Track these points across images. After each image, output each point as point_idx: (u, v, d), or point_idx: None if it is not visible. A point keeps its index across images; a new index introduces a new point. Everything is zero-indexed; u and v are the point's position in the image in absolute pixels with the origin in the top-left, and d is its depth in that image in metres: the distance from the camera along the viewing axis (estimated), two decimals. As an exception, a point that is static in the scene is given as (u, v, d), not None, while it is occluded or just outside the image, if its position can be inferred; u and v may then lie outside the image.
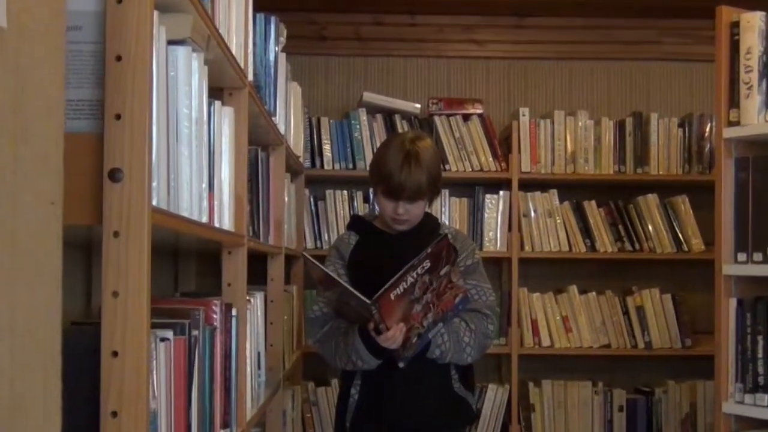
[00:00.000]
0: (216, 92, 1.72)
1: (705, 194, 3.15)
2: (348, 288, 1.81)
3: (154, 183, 1.07)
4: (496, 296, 3.58)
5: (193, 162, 1.28)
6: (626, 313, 3.62)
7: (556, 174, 3.58)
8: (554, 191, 3.62)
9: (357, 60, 3.85)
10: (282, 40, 2.56)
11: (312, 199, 3.58)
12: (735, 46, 2.36)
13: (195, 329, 1.32)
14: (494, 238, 3.60)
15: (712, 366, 2.40)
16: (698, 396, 3.62)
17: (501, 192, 3.62)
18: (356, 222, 2.18)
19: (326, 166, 3.55)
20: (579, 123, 3.61)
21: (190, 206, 1.27)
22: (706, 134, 3.63)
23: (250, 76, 1.90)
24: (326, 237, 3.55)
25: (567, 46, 3.88)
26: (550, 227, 3.60)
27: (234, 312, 1.66)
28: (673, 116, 3.68)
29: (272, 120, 2.31)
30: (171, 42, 1.19)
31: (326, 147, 3.55)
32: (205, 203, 1.38)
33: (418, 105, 3.64)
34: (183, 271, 2.70)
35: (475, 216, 3.60)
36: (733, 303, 2.35)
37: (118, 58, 1.03)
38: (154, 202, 1.07)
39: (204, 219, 1.37)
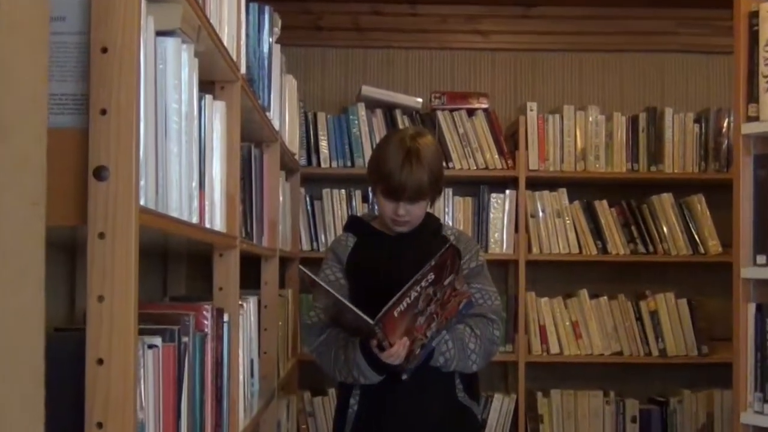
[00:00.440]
0: (207, 86, 1.72)
1: (722, 193, 3.15)
2: (350, 307, 1.81)
3: (142, 181, 1.07)
4: (502, 301, 3.56)
5: (183, 159, 1.28)
6: (639, 319, 3.62)
7: (566, 172, 3.58)
8: (563, 190, 3.62)
9: (355, 52, 3.86)
10: (276, 31, 2.56)
11: (308, 199, 3.59)
12: (754, 37, 2.36)
13: (185, 336, 1.32)
14: (500, 240, 3.60)
15: (730, 374, 2.41)
16: (715, 406, 3.62)
17: (507, 191, 3.62)
18: (354, 223, 2.18)
19: (323, 164, 3.55)
20: (590, 118, 3.61)
21: (180, 206, 1.27)
22: (724, 130, 3.63)
23: (243, 69, 1.90)
24: (323, 238, 3.55)
25: (577, 37, 3.88)
26: (559, 228, 3.60)
27: (226, 317, 1.66)
28: (689, 111, 3.69)
29: (266, 115, 2.31)
30: (159, 33, 1.19)
31: (323, 143, 3.56)
32: (196, 203, 1.38)
33: (420, 99, 3.64)
34: (172, 275, 2.71)
35: (480, 216, 3.60)
36: (752, 308, 2.35)
37: (104, 50, 1.03)
38: (142, 202, 1.07)
39: (194, 219, 1.38)
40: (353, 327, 1.91)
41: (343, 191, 3.59)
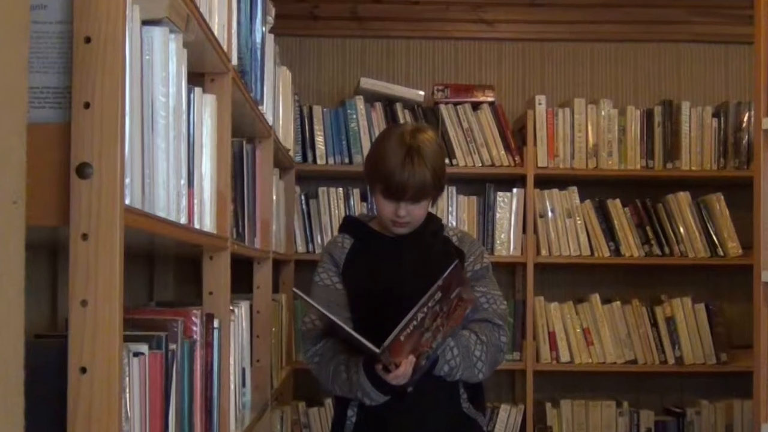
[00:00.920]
0: (196, 78, 1.72)
1: (742, 192, 3.16)
2: (354, 335, 1.81)
3: (127, 179, 1.08)
4: (509, 305, 3.59)
5: (171, 156, 1.28)
6: (654, 325, 3.63)
7: (576, 169, 3.59)
8: (574, 189, 3.63)
9: (353, 42, 3.86)
10: (270, 20, 2.56)
11: (303, 198, 3.59)
12: (776, 27, 2.36)
13: (172, 343, 1.32)
14: (507, 241, 3.60)
15: (750, 384, 2.41)
16: (735, 417, 3.62)
17: (515, 189, 3.62)
18: (350, 224, 2.18)
19: (319, 161, 3.55)
20: (602, 112, 3.61)
21: (167, 205, 1.27)
22: (744, 125, 3.64)
23: (234, 60, 1.91)
24: (319, 240, 3.55)
25: (588, 26, 3.88)
26: (570, 229, 3.60)
27: (216, 323, 1.67)
28: (707, 105, 3.69)
29: (259, 109, 2.31)
30: (146, 22, 1.19)
31: (319, 139, 3.56)
32: (184, 202, 1.38)
33: (422, 92, 3.64)
34: (159, 278, 2.71)
35: (486, 216, 3.61)
36: (774, 313, 2.35)
37: (87, 40, 1.03)
38: (127, 201, 1.07)
39: (183, 219, 1.38)
40: (353, 343, 1.91)
41: (341, 189, 3.59)
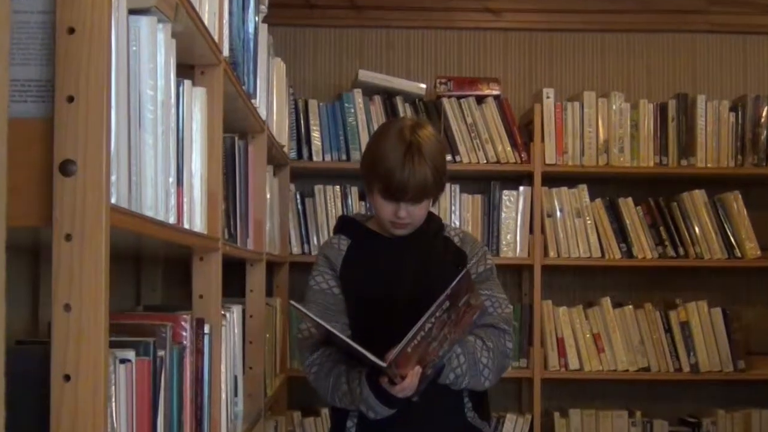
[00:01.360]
0: (186, 70, 1.72)
1: (761, 190, 3.16)
2: (358, 349, 1.80)
3: (113, 177, 1.08)
4: (515, 310, 3.59)
5: (159, 152, 1.28)
6: (669, 331, 3.63)
7: (586, 166, 3.59)
8: (584, 187, 3.63)
9: (351, 32, 3.86)
10: (263, 9, 2.56)
11: (298, 196, 3.59)
12: (796, 16, 2.37)
13: (161, 349, 1.33)
14: (513, 242, 3.60)
15: (770, 392, 2.41)
16: (753, 427, 3.62)
17: (521, 187, 3.62)
18: (346, 224, 2.18)
19: (315, 157, 3.55)
20: (613, 106, 3.62)
21: (155, 204, 1.27)
22: (763, 119, 3.64)
23: (226, 51, 1.91)
24: (315, 241, 3.55)
25: (599, 16, 3.89)
26: (579, 229, 3.60)
27: (207, 329, 1.67)
28: (724, 98, 3.69)
29: (251, 103, 2.31)
30: (133, 11, 1.19)
31: (315, 134, 3.56)
32: (173, 201, 1.38)
33: (424, 85, 3.65)
34: (147, 281, 2.71)
35: (491, 216, 3.61)
36: (794, 318, 2.36)
37: (71, 31, 1.03)
38: (113, 200, 1.07)
39: (171, 219, 1.38)
40: (355, 355, 1.91)
41: (338, 188, 3.59)
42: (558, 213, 3.61)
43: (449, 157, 3.49)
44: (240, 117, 2.29)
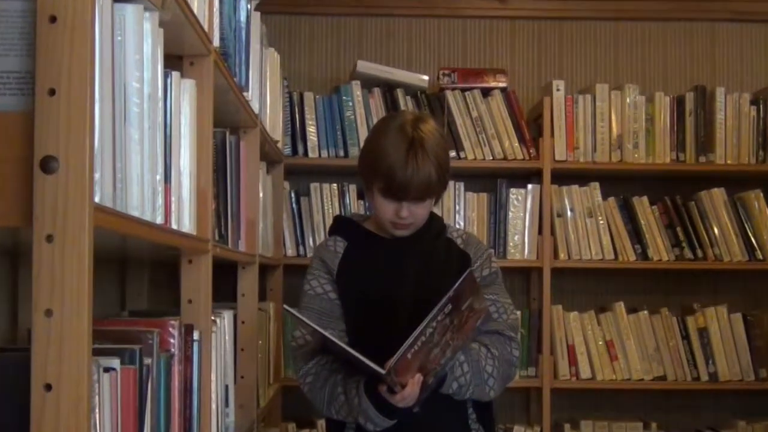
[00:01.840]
0: (174, 61, 1.72)
1: (784, 188, 3.17)
2: (356, 355, 1.80)
3: (97, 174, 1.08)
4: (523, 315, 3.59)
5: (146, 148, 1.28)
6: (686, 338, 3.63)
7: (599, 163, 3.59)
8: (596, 185, 3.63)
9: (349, 21, 3.86)
10: (256, -4, 2.56)
11: (293, 195, 3.59)
12: (821, 4, 2.37)
13: (147, 357, 1.33)
14: (521, 243, 3.61)
15: (793, 403, 2.42)
16: (776, 440, 3.63)
17: (530, 186, 3.62)
18: (342, 225, 2.18)
19: (311, 154, 3.55)
20: (627, 99, 3.62)
21: (142, 203, 1.27)
22: (786, 113, 3.64)
23: (216, 41, 1.91)
24: (311, 242, 3.55)
25: (612, 3, 3.89)
26: (591, 230, 3.61)
27: (196, 335, 1.67)
28: (745, 91, 3.69)
29: (243, 96, 2.31)
30: (118, -1, 1.19)
31: (311, 129, 3.56)
32: (160, 200, 1.39)
33: (426, 77, 3.65)
34: (132, 285, 2.71)
35: (497, 215, 3.61)
36: (819, 324, 2.36)
37: (52, 20, 1.03)
38: (97, 199, 1.08)
39: (158, 219, 1.38)
40: (353, 363, 1.91)
41: (335, 186, 3.59)
42: (568, 213, 3.61)
43: (453, 154, 3.49)
44: (231, 111, 2.29)
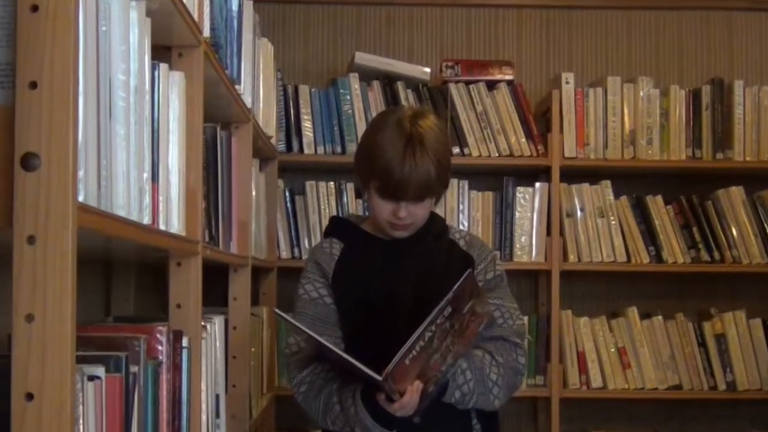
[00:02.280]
0: (162, 52, 1.72)
1: (806, 187, 3.17)
2: (351, 361, 1.80)
3: (81, 172, 1.08)
4: (531, 321, 3.59)
5: (132, 144, 1.29)
6: (702, 344, 3.63)
7: (610, 160, 3.59)
8: (607, 183, 3.63)
9: (347, 9, 3.86)
10: (248, -16, 2.57)
11: (288, 194, 3.59)
12: None
13: (134, 365, 1.33)
14: (528, 245, 3.61)
15: (816, 413, 2.42)
16: (797, 453, 3.63)
17: (537, 184, 3.62)
18: (339, 226, 2.18)
19: (306, 150, 3.55)
20: (640, 93, 3.62)
21: (128, 203, 1.27)
22: (808, 108, 3.64)
23: (207, 32, 1.91)
24: (306, 244, 3.55)
25: (624, -8, 3.89)
26: (602, 230, 3.61)
27: (185, 342, 1.67)
28: (764, 84, 3.69)
29: (235, 89, 2.31)
30: (102, -13, 1.19)
31: (306, 124, 3.56)
32: (147, 199, 1.39)
33: (428, 69, 3.65)
34: (118, 289, 2.71)
35: (504, 215, 3.61)
36: (843, 330, 2.36)
37: (34, 9, 1.03)
38: (81, 198, 1.08)
39: (145, 219, 1.38)
40: (349, 370, 1.91)
41: (332, 184, 3.59)
42: (578, 212, 3.61)
43: (456, 150, 3.49)
44: (222, 105, 2.29)
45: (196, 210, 1.77)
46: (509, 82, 3.63)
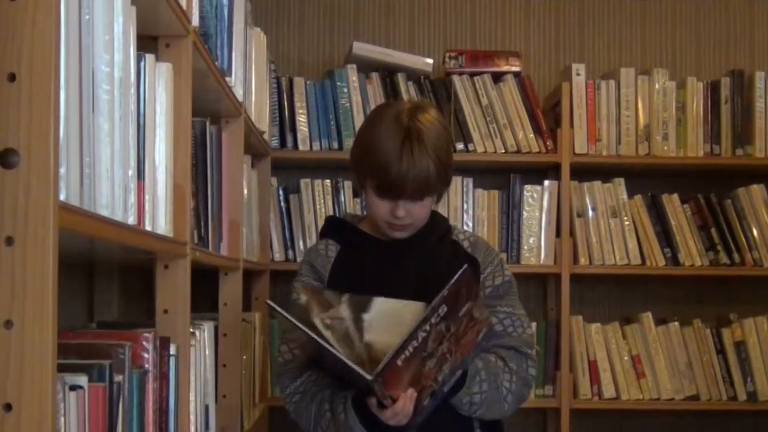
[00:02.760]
0: (148, 43, 1.72)
1: (831, 185, 3.18)
2: (339, 357, 1.81)
3: (62, 169, 1.08)
4: (539, 327, 3.59)
5: (116, 140, 1.29)
6: (721, 352, 3.63)
7: (624, 157, 3.59)
8: (620, 181, 3.63)
9: (344, -3, 3.86)
10: (239, -30, 2.57)
11: (281, 192, 3.59)
12: None
13: (118, 373, 1.33)
14: (536, 247, 3.61)
15: (841, 425, 2.42)
16: (822, 467, 3.63)
17: (546, 182, 3.63)
18: (335, 226, 2.18)
19: (301, 146, 3.55)
20: (655, 85, 3.62)
21: (112, 202, 1.28)
22: (834, 101, 3.65)
23: (195, 21, 1.91)
24: (301, 245, 3.55)
25: (638, -22, 3.90)
26: (615, 231, 3.61)
27: (173, 349, 1.67)
28: (787, 76, 3.70)
29: (226, 81, 2.31)
30: (85, -27, 1.20)
31: (301, 119, 3.56)
32: (133, 198, 1.39)
33: (430, 60, 3.65)
34: (101, 293, 2.71)
35: (510, 215, 3.61)
36: None
37: (12, -4, 1.03)
38: (62, 197, 1.08)
39: (131, 220, 1.38)
40: (342, 373, 1.92)
41: (328, 182, 3.59)
42: (590, 212, 3.61)
43: (460, 146, 3.49)
44: (212, 98, 2.29)
45: (185, 209, 1.77)
46: (516, 74, 3.63)
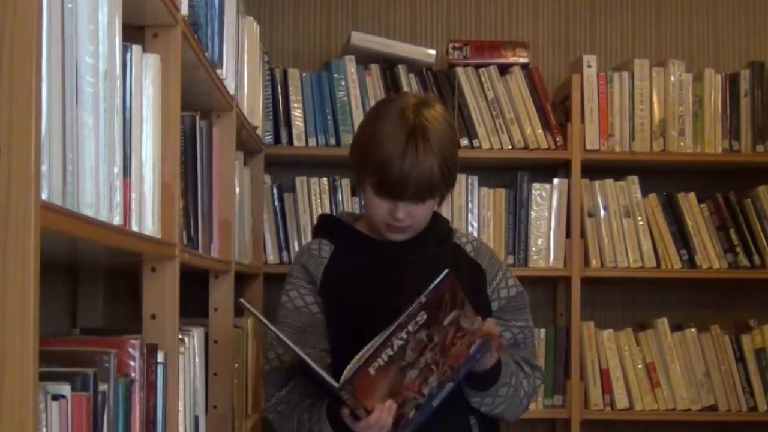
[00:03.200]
0: (135, 33, 1.72)
1: None
2: (308, 362, 1.81)
3: (44, 166, 1.08)
4: (546, 333, 3.59)
5: (101, 136, 1.29)
6: (741, 360, 3.63)
7: (637, 153, 3.59)
8: (634, 179, 3.63)
9: (342, -16, 3.87)
10: (231, -44, 2.57)
11: (275, 190, 3.59)
12: None
13: (103, 382, 1.33)
14: (545, 248, 3.61)
15: None
16: None
17: (556, 180, 3.63)
18: (329, 226, 2.18)
19: (296, 142, 3.55)
20: (671, 78, 3.62)
21: (96, 201, 1.28)
22: None
23: (185, 9, 1.91)
24: (295, 246, 3.55)
25: (653, -36, 3.90)
26: (628, 232, 3.61)
27: (160, 357, 1.67)
28: (811, 68, 3.70)
29: (217, 73, 2.31)
30: (68, -41, 1.20)
31: (297, 113, 3.56)
32: (118, 196, 1.39)
33: (433, 51, 3.65)
34: (85, 297, 2.71)
35: (518, 215, 3.61)
36: None
37: (-9, -17, 1.03)
38: (44, 195, 1.08)
39: (116, 220, 1.38)
40: (316, 381, 1.92)
41: (325, 180, 3.59)
42: (602, 212, 3.61)
43: (465, 142, 3.49)
44: (202, 91, 2.29)
45: (173, 209, 1.77)
46: (524, 66, 3.64)
